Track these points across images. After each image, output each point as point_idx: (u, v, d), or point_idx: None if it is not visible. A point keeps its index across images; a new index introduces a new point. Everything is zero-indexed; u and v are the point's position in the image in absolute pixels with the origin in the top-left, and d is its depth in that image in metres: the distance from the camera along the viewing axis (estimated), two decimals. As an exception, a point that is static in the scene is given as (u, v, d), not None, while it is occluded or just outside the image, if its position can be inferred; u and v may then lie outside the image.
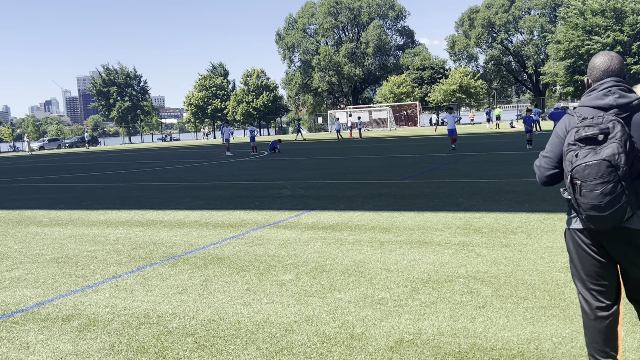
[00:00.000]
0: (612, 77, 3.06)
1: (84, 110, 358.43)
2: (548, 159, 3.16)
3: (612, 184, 2.80)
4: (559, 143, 3.10)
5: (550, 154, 3.15)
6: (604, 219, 2.87)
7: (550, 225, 7.85)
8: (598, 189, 2.81)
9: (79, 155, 45.92)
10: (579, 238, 3.12)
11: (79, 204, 13.24)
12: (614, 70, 3.08)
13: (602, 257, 3.08)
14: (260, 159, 26.79)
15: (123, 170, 23.93)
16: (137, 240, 8.50)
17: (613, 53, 3.15)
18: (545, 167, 3.16)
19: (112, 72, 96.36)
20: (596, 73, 3.12)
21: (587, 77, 3.23)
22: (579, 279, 3.20)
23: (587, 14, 59.71)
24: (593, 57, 3.21)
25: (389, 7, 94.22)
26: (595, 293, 3.14)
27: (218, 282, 5.98)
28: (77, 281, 6.38)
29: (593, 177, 2.82)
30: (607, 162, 2.79)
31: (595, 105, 3.01)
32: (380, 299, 5.13)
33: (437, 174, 15.18)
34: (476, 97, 78.76)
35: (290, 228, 8.79)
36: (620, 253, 3.03)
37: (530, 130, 23.66)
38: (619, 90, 3.00)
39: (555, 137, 3.15)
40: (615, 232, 2.98)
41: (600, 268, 3.09)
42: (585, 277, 3.15)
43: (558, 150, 3.10)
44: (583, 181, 2.85)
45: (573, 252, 3.19)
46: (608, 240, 3.02)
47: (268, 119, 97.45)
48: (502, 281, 5.45)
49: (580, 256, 3.14)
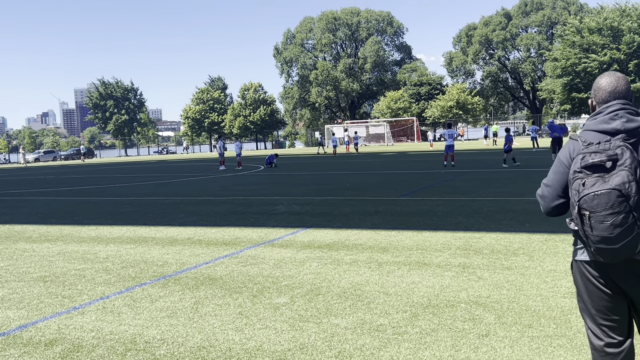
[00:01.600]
0: (619, 99, 2.86)
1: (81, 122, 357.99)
2: (551, 188, 2.94)
3: (623, 215, 2.59)
4: (562, 171, 2.89)
5: (553, 182, 2.94)
6: (615, 252, 2.66)
7: (553, 247, 7.64)
8: (608, 220, 2.61)
9: (74, 168, 45.65)
10: (586, 270, 2.90)
11: (70, 219, 12.99)
12: (621, 92, 2.88)
13: (612, 291, 2.85)
14: (256, 173, 26.58)
15: (117, 184, 23.68)
16: (127, 259, 8.26)
17: (619, 74, 2.94)
18: (550, 198, 2.95)
19: (109, 85, 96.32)
20: (602, 95, 2.91)
21: (591, 99, 3.01)
22: (587, 313, 2.97)
23: (584, 32, 59.95)
24: (598, 78, 3.00)
25: (387, 23, 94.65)
26: (606, 329, 2.91)
27: (209, 305, 5.74)
28: (63, 302, 6.14)
29: (603, 208, 2.61)
30: (617, 192, 2.59)
31: (601, 129, 2.81)
32: (378, 326, 4.91)
33: (435, 191, 14.99)
34: (473, 114, 78.85)
35: (285, 247, 8.57)
36: (630, 286, 2.81)
37: (508, 150, 23.27)
38: (627, 114, 2.80)
39: (558, 164, 2.94)
40: (626, 264, 2.76)
41: (610, 302, 2.86)
42: (595, 312, 2.92)
43: (562, 179, 2.89)
44: (592, 212, 2.64)
45: (581, 285, 2.96)
46: (618, 272, 2.80)
47: (265, 132, 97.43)
48: (505, 307, 5.23)
49: (588, 290, 2.92)
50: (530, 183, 15.81)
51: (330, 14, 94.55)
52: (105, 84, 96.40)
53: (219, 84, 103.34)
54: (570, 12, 79.43)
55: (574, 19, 64.09)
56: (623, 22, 57.77)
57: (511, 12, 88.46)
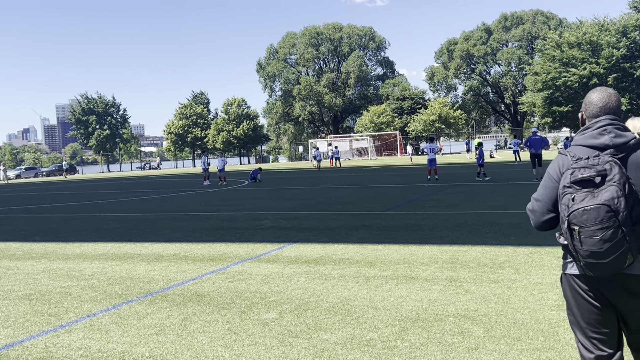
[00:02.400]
0: (609, 114, 2.92)
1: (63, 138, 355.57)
2: (541, 203, 2.99)
3: (612, 230, 2.63)
4: (552, 186, 2.94)
5: (543, 197, 2.99)
6: (604, 266, 2.69)
7: (538, 259, 7.71)
8: (597, 235, 2.64)
9: (56, 185, 45.25)
10: (576, 284, 2.94)
11: (54, 236, 12.87)
12: (612, 108, 2.93)
13: (602, 304, 2.88)
14: (240, 188, 26.53)
15: (100, 200, 23.51)
16: (113, 275, 8.20)
17: (611, 90, 3.00)
18: (540, 212, 2.99)
19: (92, 101, 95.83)
20: (592, 109, 2.97)
21: (581, 112, 3.06)
22: (578, 327, 3.00)
23: (564, 46, 60.80)
24: (590, 93, 3.05)
25: (369, 38, 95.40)
26: (596, 341, 2.93)
27: (198, 322, 5.72)
28: (50, 320, 6.08)
29: (592, 223, 2.65)
30: (607, 207, 2.63)
31: (590, 144, 2.87)
32: (368, 340, 4.91)
33: (420, 205, 15.06)
34: (455, 127, 79.44)
35: (272, 262, 8.56)
36: (620, 300, 2.85)
37: (481, 164, 23.59)
38: (615, 130, 2.85)
39: (548, 179, 2.99)
40: (615, 279, 2.80)
41: (600, 315, 2.90)
42: (585, 325, 2.95)
43: (552, 194, 2.94)
44: (581, 227, 2.68)
45: (571, 299, 3.00)
46: (607, 286, 2.84)
47: (248, 147, 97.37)
48: (494, 320, 5.27)
49: (578, 303, 2.95)
50: (513, 196, 15.95)
51: (312, 29, 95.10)
52: (88, 99, 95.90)
53: (201, 99, 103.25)
54: (550, 27, 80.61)
55: (554, 34, 65.03)
56: (602, 36, 58.70)
57: (491, 27, 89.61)
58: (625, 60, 58.44)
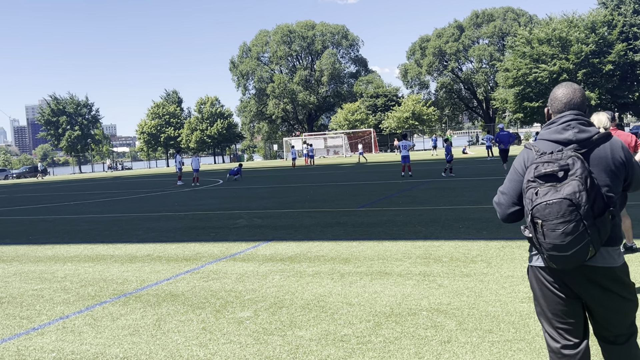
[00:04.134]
0: (573, 110, 2.98)
1: (33, 139, 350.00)
2: (507, 196, 3.05)
3: (573, 223, 2.69)
4: (517, 179, 3.00)
5: (509, 190, 3.05)
6: (566, 259, 2.76)
7: (509, 253, 7.83)
8: (560, 229, 2.70)
9: (26, 187, 44.57)
10: (541, 275, 3.00)
11: (25, 239, 12.70)
12: (576, 104, 3.00)
13: (567, 295, 2.95)
14: (215, 187, 26.41)
15: (72, 202, 23.23)
16: (86, 277, 8.13)
17: (576, 85, 3.07)
18: (505, 205, 3.05)
19: (62, 101, 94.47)
20: (557, 105, 3.03)
21: (547, 107, 3.13)
22: (544, 317, 3.07)
23: (534, 42, 61.55)
24: (555, 88, 3.12)
25: (342, 36, 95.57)
26: (562, 332, 3.01)
27: (172, 322, 5.70)
28: (22, 323, 6.01)
29: (554, 217, 2.71)
30: (568, 201, 2.69)
31: (554, 139, 2.93)
32: (342, 336, 4.95)
33: (394, 202, 15.16)
34: (428, 124, 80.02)
35: (247, 260, 8.55)
36: (584, 291, 2.92)
37: (450, 160, 23.93)
38: (579, 125, 2.92)
39: (513, 172, 3.05)
40: (578, 270, 2.87)
41: (565, 306, 2.96)
42: (551, 316, 3.02)
43: (517, 187, 3.00)
44: (544, 220, 2.74)
45: (537, 290, 3.06)
46: (571, 278, 2.91)
47: (223, 146, 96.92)
48: (466, 313, 5.34)
49: (544, 294, 3.02)
50: (486, 191, 16.13)
51: (285, 27, 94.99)
52: (57, 100, 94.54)
53: (174, 98, 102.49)
54: (520, 24, 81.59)
55: (524, 30, 65.79)
56: (571, 32, 59.56)
57: (463, 24, 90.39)
58: (594, 55, 59.38)
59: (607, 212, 2.79)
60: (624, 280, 2.93)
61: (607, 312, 2.94)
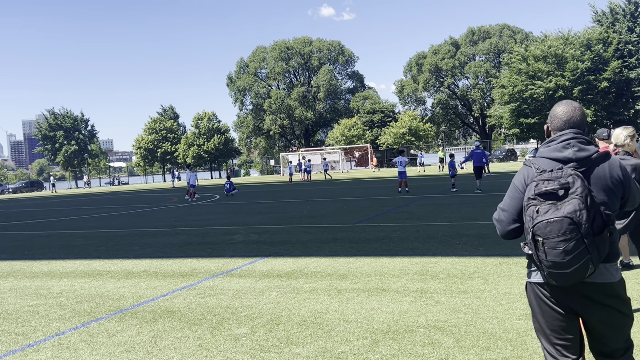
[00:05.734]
0: (573, 128, 3.01)
1: (30, 154, 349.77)
2: (507, 212, 3.07)
3: (574, 242, 2.71)
4: (517, 197, 3.03)
5: (509, 207, 3.07)
6: (566, 276, 2.78)
7: (507, 270, 7.82)
8: (560, 247, 2.73)
9: (23, 202, 44.47)
10: (540, 292, 3.02)
11: (21, 254, 12.65)
12: (576, 122, 3.03)
13: (565, 311, 2.97)
14: (211, 203, 26.39)
15: (68, 217, 23.17)
16: (82, 293, 8.09)
17: (575, 103, 3.10)
18: (505, 222, 3.07)
19: (59, 116, 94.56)
20: (557, 122, 3.06)
21: (547, 124, 3.16)
22: (542, 334, 3.08)
23: (530, 59, 61.97)
24: (555, 106, 3.15)
25: (338, 52, 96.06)
26: (560, 348, 3.02)
27: (168, 338, 5.67)
28: (17, 339, 5.97)
29: (555, 235, 2.73)
30: (569, 220, 2.71)
31: (554, 157, 2.96)
32: (339, 353, 4.93)
33: (390, 217, 15.16)
34: (425, 140, 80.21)
35: (244, 277, 8.53)
36: (582, 307, 2.93)
37: (454, 175, 24.24)
38: (578, 143, 2.95)
39: (513, 189, 3.08)
40: (577, 287, 2.89)
41: (563, 322, 2.98)
42: (549, 332, 3.03)
43: (517, 204, 3.02)
44: (545, 238, 2.76)
45: (535, 306, 3.07)
46: (570, 294, 2.93)
47: (220, 161, 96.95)
48: (463, 330, 5.33)
49: (543, 310, 3.03)
50: (483, 207, 16.15)
51: (282, 44, 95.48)
52: (55, 115, 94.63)
53: (170, 114, 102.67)
54: (516, 41, 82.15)
55: (520, 47, 66.26)
56: (566, 49, 59.98)
57: (459, 41, 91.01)
58: (590, 72, 59.77)
59: (606, 229, 2.81)
60: (621, 296, 2.94)
61: (605, 327, 2.94)
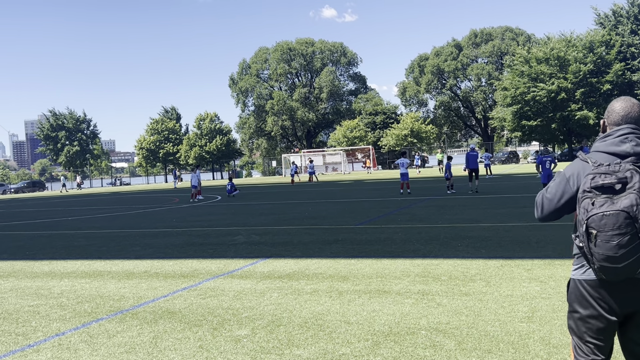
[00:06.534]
0: (630, 123, 3.00)
1: (32, 154, 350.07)
2: (549, 200, 3.07)
3: (629, 236, 2.70)
4: (563, 186, 3.02)
5: (553, 195, 3.06)
6: (617, 271, 2.76)
7: (508, 272, 7.80)
8: (614, 240, 2.71)
9: (24, 201, 44.50)
10: (584, 290, 2.98)
11: (22, 254, 12.64)
12: (633, 117, 3.01)
13: (607, 311, 2.93)
14: (213, 204, 26.38)
15: (70, 217, 23.18)
16: (82, 293, 8.08)
17: (634, 100, 3.07)
18: (546, 209, 3.08)
19: (61, 116, 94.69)
20: (614, 117, 3.04)
21: (603, 119, 3.14)
22: (576, 330, 3.04)
23: (532, 62, 61.93)
24: (614, 101, 3.13)
25: (340, 53, 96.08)
26: (592, 347, 2.99)
27: (169, 339, 5.65)
28: (17, 340, 5.96)
29: (610, 228, 2.72)
30: (626, 214, 2.70)
31: (611, 151, 2.94)
32: (340, 355, 4.91)
33: (392, 219, 15.14)
34: (427, 142, 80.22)
35: (245, 278, 8.51)
36: (629, 303, 2.89)
37: (449, 177, 24.27)
38: (636, 138, 2.93)
39: (562, 180, 3.06)
40: (626, 282, 2.86)
41: (602, 322, 2.94)
42: (585, 330, 2.99)
43: (561, 193, 3.02)
44: (599, 231, 2.74)
45: (575, 303, 3.03)
46: (618, 290, 2.89)
47: (221, 162, 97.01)
48: (465, 333, 5.30)
49: (583, 308, 2.99)
50: (485, 209, 16.12)
51: (285, 45, 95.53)
52: (57, 115, 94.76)
53: (172, 114, 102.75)
54: (518, 43, 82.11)
55: (522, 50, 66.24)
56: (569, 52, 59.95)
57: (461, 42, 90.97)
58: (592, 75, 59.72)
59: None
60: None
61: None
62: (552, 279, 7.24)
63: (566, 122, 62.18)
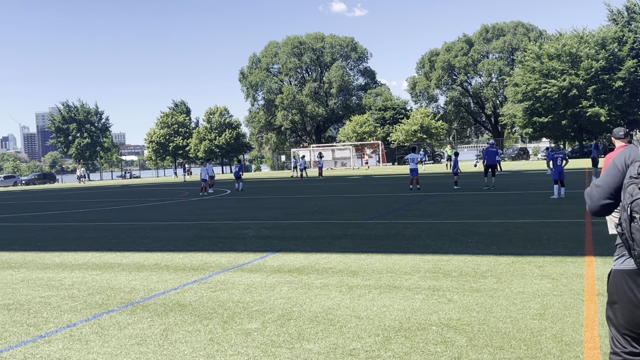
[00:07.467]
0: None
1: (42, 146, 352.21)
2: (601, 188, 3.04)
3: None
4: (615, 174, 3.00)
5: (604, 184, 3.03)
6: None
7: (519, 268, 7.76)
8: None
9: (35, 193, 44.76)
10: (625, 280, 2.95)
11: (33, 245, 12.72)
12: None
13: None
14: (222, 197, 26.43)
15: (81, 209, 23.29)
16: (93, 285, 8.11)
17: None
18: (597, 197, 3.04)
19: (72, 109, 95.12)
20: None
21: None
22: (615, 322, 3.02)
23: (544, 58, 61.53)
24: None
25: (351, 48, 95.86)
26: (630, 339, 2.97)
27: (179, 332, 5.67)
28: (29, 330, 5.99)
29: None
30: None
31: None
32: (351, 350, 4.90)
33: (402, 214, 15.10)
34: (437, 138, 79.98)
35: (255, 271, 8.52)
36: None
37: (456, 173, 24.53)
38: None
39: (612, 168, 3.04)
40: None
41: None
42: (623, 322, 2.97)
43: (613, 182, 2.99)
44: None
45: (615, 294, 3.01)
46: None
47: (231, 156, 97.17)
48: (476, 329, 5.28)
49: (622, 299, 2.96)
50: (495, 205, 16.06)
51: (295, 39, 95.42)
52: (69, 107, 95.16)
53: (182, 108, 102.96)
54: (530, 39, 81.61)
55: (534, 46, 65.82)
56: (581, 48, 59.51)
57: (472, 38, 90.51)
58: (604, 72, 59.28)
59: None
60: None
61: None
62: (564, 276, 7.20)
63: (577, 119, 61.85)
